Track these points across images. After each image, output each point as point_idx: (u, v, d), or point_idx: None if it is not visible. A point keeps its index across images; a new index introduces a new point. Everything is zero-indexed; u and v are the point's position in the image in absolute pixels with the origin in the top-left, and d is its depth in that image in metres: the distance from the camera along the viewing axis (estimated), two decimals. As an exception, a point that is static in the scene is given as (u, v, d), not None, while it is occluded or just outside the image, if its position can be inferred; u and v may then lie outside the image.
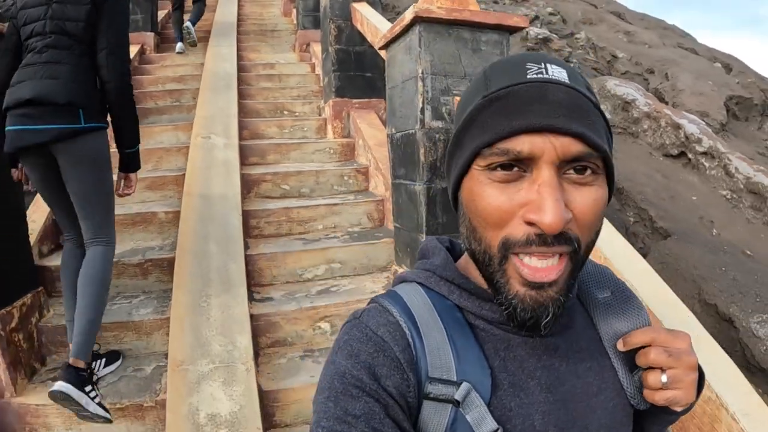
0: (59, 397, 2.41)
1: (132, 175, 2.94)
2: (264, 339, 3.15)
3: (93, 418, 2.47)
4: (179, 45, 6.85)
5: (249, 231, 3.83)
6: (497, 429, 0.71)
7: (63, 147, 2.59)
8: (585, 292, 0.89)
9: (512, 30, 3.35)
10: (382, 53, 3.89)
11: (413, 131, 3.21)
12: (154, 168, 4.48)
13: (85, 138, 2.63)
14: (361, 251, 3.79)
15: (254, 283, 3.50)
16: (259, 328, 3.11)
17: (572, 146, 0.66)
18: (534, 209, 0.65)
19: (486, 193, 0.69)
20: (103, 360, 2.87)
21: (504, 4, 10.30)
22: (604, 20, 11.03)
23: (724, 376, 1.84)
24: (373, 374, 0.70)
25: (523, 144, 0.66)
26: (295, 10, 7.84)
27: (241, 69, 6.09)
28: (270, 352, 3.15)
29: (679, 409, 0.80)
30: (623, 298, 0.88)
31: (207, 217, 3.62)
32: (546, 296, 0.69)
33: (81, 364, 2.52)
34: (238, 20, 7.83)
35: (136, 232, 3.80)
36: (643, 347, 0.79)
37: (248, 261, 3.46)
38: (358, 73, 5.27)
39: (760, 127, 9.57)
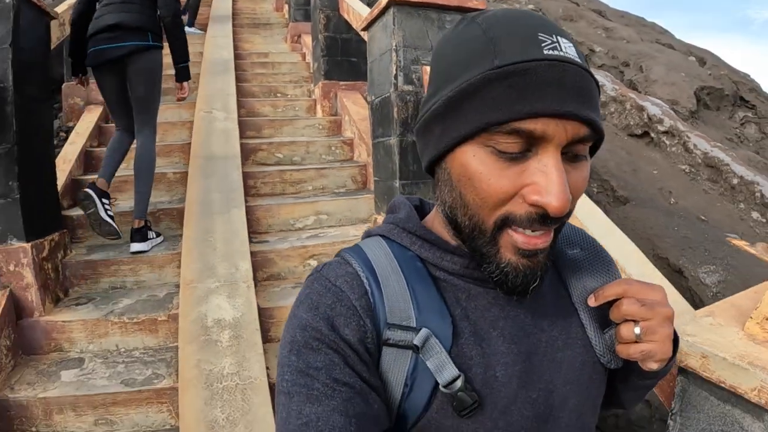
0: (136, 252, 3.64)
1: (184, 84, 4.08)
2: (261, 273, 3.70)
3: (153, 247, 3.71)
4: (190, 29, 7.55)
5: (247, 190, 4.38)
6: (459, 376, 0.72)
7: (134, 59, 3.65)
8: (555, 250, 0.88)
9: (472, 11, 3.92)
10: (364, 34, 4.47)
11: (388, 94, 3.78)
12: (161, 140, 5.03)
13: (150, 53, 3.70)
14: (345, 205, 4.37)
15: (252, 230, 4.05)
16: (256, 264, 3.64)
17: (581, 130, 0.67)
18: (540, 192, 0.66)
19: (488, 171, 0.68)
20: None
21: (489, 1, 10.87)
22: (584, 17, 11.61)
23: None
24: (331, 325, 0.72)
25: (536, 126, 0.65)
26: (287, 5, 8.45)
27: (236, 57, 6.68)
28: (266, 284, 3.70)
29: (655, 366, 0.79)
30: (593, 254, 0.91)
31: (211, 173, 4.19)
32: (536, 262, 0.72)
33: (141, 223, 3.69)
34: (233, 15, 8.44)
35: (148, 190, 4.36)
36: (614, 302, 0.80)
37: (247, 211, 4.01)
38: (344, 58, 5.85)
39: (731, 116, 10.18)
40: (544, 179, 0.66)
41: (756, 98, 10.66)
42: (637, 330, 0.76)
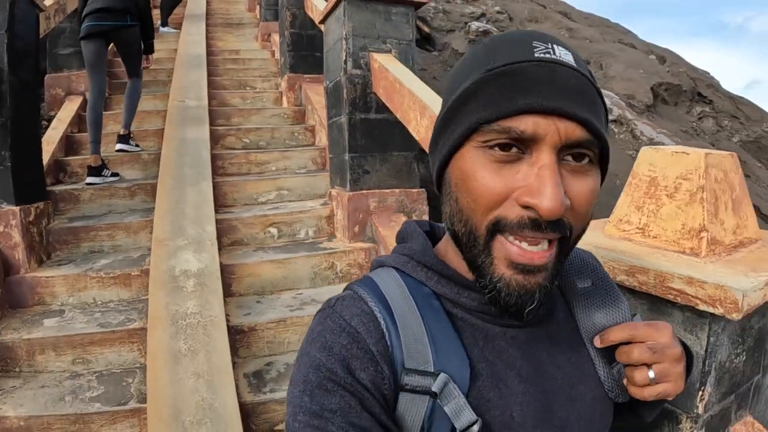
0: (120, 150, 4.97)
1: (150, 56, 5.43)
2: (225, 239, 4.18)
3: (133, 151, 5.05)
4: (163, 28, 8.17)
5: (215, 170, 4.86)
6: (476, 420, 0.71)
7: (116, 34, 4.87)
8: (565, 281, 0.90)
9: (416, 5, 4.44)
10: (321, 26, 4.97)
11: (339, 78, 4.28)
12: (137, 127, 5.52)
13: (128, 30, 4.90)
14: (305, 182, 4.88)
15: (219, 204, 4.52)
16: (221, 230, 4.12)
17: (576, 131, 0.67)
18: (532, 193, 0.66)
19: (480, 173, 0.69)
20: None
21: (456, 3, 11.41)
22: (549, 18, 12.18)
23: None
24: (347, 367, 0.70)
25: (526, 124, 0.65)
26: (258, 5, 8.96)
27: (209, 54, 7.19)
28: (230, 248, 4.18)
29: (670, 398, 0.82)
30: (604, 289, 0.90)
31: (183, 152, 4.69)
32: (533, 282, 0.70)
33: (126, 131, 5.10)
34: (207, 14, 8.95)
35: (125, 168, 4.89)
36: (621, 343, 0.81)
37: (214, 187, 4.49)
38: (308, 52, 6.37)
39: (689, 111, 10.78)
40: (536, 180, 0.66)
41: (713, 94, 11.26)
42: (651, 374, 0.78)
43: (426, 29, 9.45)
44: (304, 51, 6.37)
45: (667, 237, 1.50)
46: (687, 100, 10.85)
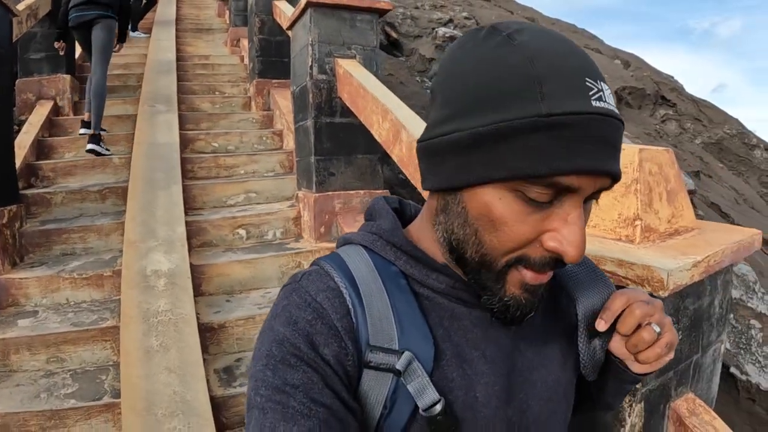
0: (90, 150, 5.12)
1: (122, 45, 5.92)
2: (195, 240, 4.35)
3: (104, 154, 5.18)
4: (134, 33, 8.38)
5: (185, 173, 5.02)
6: (439, 400, 0.74)
7: (97, 22, 5.40)
8: None
9: (380, 12, 4.65)
10: (289, 33, 5.16)
11: (306, 83, 4.48)
12: (108, 130, 5.65)
13: (107, 20, 5.45)
14: (272, 184, 5.06)
15: (188, 206, 4.68)
16: (191, 232, 4.29)
17: (606, 182, 0.70)
18: (561, 240, 0.68)
19: (513, 217, 0.69)
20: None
21: (424, 9, 11.65)
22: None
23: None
24: (311, 342, 0.72)
25: (572, 181, 0.66)
26: (228, 11, 9.12)
27: (179, 59, 7.35)
28: (199, 249, 4.35)
29: (647, 369, 0.85)
30: (590, 269, 0.94)
31: (154, 156, 4.85)
32: (538, 295, 0.75)
33: (96, 132, 5.18)
34: (177, 20, 9.11)
35: (96, 173, 5.03)
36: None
37: (184, 190, 4.66)
38: (277, 58, 6.56)
39: (653, 114, 11.14)
40: (566, 228, 0.68)
41: (677, 97, 11.64)
42: (657, 328, 0.80)
43: (394, 35, 9.67)
44: (273, 57, 6.55)
45: (605, 226, 1.71)
46: (651, 103, 11.21)
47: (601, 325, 0.82)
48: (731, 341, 4.68)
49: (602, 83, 0.68)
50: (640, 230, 1.63)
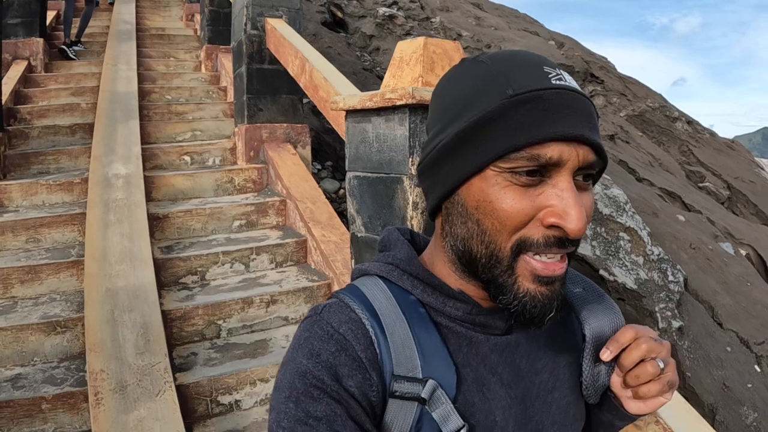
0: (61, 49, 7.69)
1: None
2: (148, 164, 5.50)
3: (71, 57, 7.55)
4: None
5: (142, 117, 6.17)
6: (463, 425, 0.77)
7: None
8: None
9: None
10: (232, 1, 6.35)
11: (241, 38, 5.68)
12: (75, 84, 6.80)
13: None
14: (215, 125, 6.32)
15: (144, 141, 5.81)
16: (144, 157, 5.42)
17: (590, 155, 0.75)
18: (558, 214, 0.72)
19: (508, 196, 0.74)
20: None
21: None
22: (459, 8, 13.72)
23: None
24: (334, 374, 0.75)
25: (553, 151, 0.72)
26: (184, -12, 10.31)
27: (138, 30, 8.52)
28: (152, 170, 5.50)
29: (642, 409, 0.86)
30: (595, 294, 0.98)
31: (115, 101, 6.06)
32: (554, 290, 0.78)
33: (77, 39, 7.95)
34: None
35: (66, 116, 6.21)
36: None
37: (140, 127, 5.81)
38: (225, 27, 7.74)
39: (581, 89, 12.43)
40: (561, 202, 0.72)
41: (605, 74, 12.98)
42: (661, 364, 0.82)
43: (339, 14, 10.85)
44: (221, 26, 7.73)
45: (404, 84, 2.85)
46: (579, 80, 12.51)
47: (606, 355, 0.85)
48: (601, 249, 5.85)
49: (561, 71, 0.77)
50: (421, 83, 2.78)
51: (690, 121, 12.92)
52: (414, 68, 2.85)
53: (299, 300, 4.13)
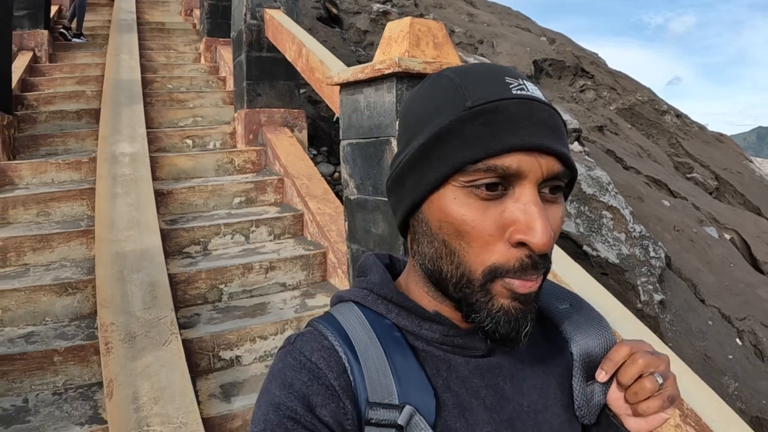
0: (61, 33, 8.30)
1: None
2: (151, 147, 5.77)
3: (68, 39, 8.15)
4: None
5: (145, 103, 6.46)
6: None
7: None
8: (546, 304, 0.94)
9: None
10: (230, -6, 6.65)
11: (241, 28, 5.98)
12: (80, 74, 7.09)
13: None
14: (215, 112, 6.62)
15: (147, 126, 6.10)
16: (148, 140, 5.70)
17: (554, 166, 0.72)
18: (523, 229, 0.70)
19: (469, 215, 0.72)
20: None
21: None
22: (452, 5, 14.03)
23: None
24: (307, 404, 0.73)
25: (512, 161, 0.69)
26: (183, -16, 10.62)
27: (139, 24, 8.80)
28: (155, 153, 5.77)
29: (643, 427, 0.82)
30: (583, 309, 0.96)
31: (119, 88, 6.35)
32: (528, 306, 0.75)
33: (78, 31, 8.38)
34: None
35: (72, 102, 6.49)
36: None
37: (144, 113, 6.08)
38: (223, 20, 8.04)
39: (572, 84, 12.77)
40: (525, 216, 0.70)
41: (595, 69, 13.28)
42: (659, 379, 0.79)
43: (334, 11, 11.14)
44: (220, 19, 8.03)
45: (391, 59, 3.14)
46: (570, 74, 12.83)
47: (602, 376, 0.83)
48: (585, 227, 6.15)
49: (524, 81, 0.76)
50: (408, 56, 3.06)
51: (679, 115, 13.24)
52: (401, 44, 3.13)
53: (296, 267, 4.41)
